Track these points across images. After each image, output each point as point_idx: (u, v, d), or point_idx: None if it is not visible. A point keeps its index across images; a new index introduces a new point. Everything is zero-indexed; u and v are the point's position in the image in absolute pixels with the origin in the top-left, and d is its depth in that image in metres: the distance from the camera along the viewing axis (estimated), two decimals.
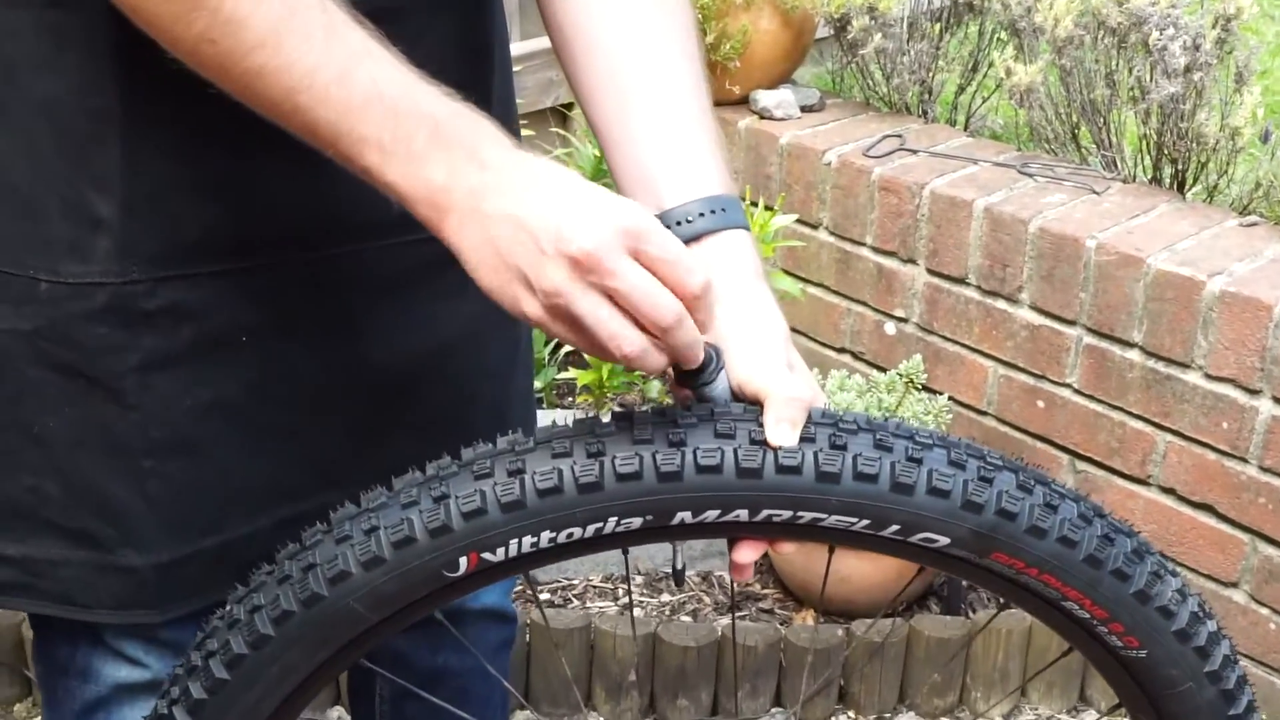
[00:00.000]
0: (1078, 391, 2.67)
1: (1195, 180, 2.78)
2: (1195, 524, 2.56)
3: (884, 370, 2.85)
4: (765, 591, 2.81)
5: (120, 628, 1.26)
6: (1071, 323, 2.64)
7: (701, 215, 1.08)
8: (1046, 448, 2.76)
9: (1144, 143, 2.81)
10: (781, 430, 0.99)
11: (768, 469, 0.99)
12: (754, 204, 2.89)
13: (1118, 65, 2.79)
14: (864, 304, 3.02)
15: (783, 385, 1.01)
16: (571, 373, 2.89)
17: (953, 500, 1.00)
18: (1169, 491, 2.58)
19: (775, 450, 0.98)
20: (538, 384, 2.79)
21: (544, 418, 2.74)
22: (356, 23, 0.98)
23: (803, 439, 0.99)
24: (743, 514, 1.01)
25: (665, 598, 2.76)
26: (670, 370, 1.02)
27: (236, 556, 1.19)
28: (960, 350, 2.86)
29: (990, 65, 3.10)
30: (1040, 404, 2.74)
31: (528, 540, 0.99)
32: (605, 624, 2.52)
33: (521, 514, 0.98)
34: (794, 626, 2.65)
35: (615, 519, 1.00)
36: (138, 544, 1.20)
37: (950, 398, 2.74)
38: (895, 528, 1.01)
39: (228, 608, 1.05)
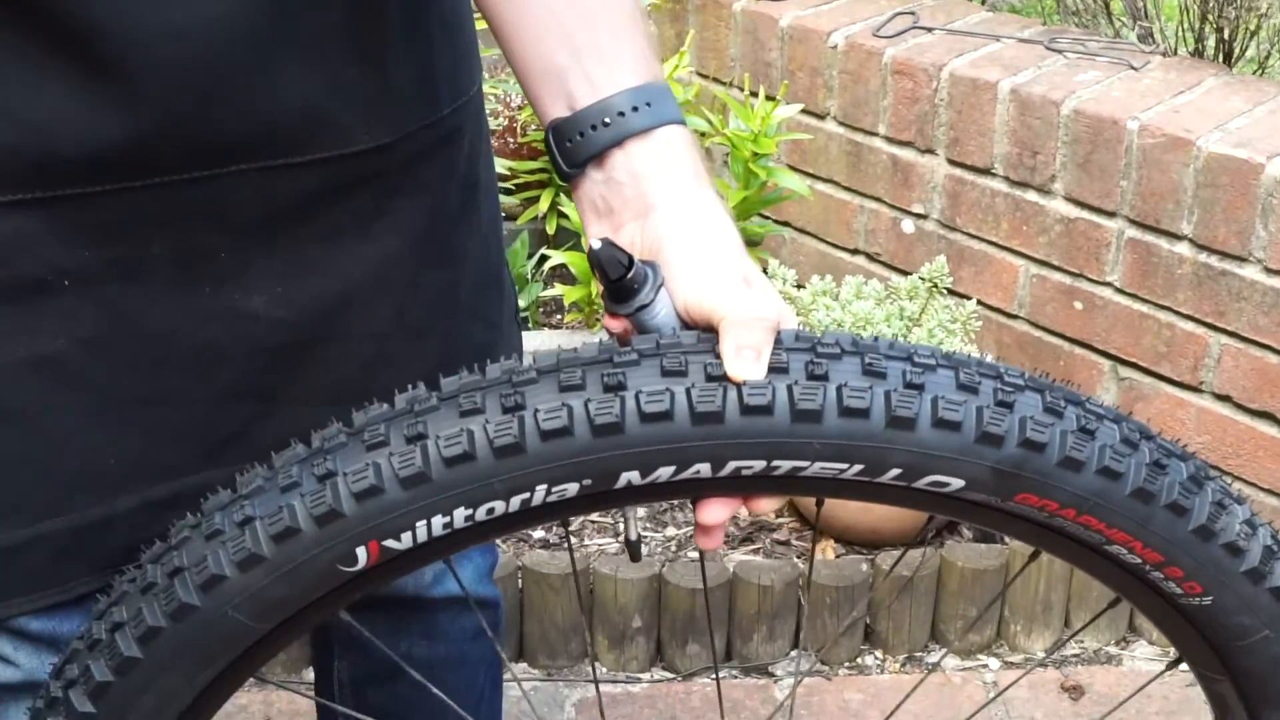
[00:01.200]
0: (1120, 291, 2.48)
1: (1243, 52, 2.54)
2: (1254, 434, 2.37)
3: (902, 272, 2.65)
4: (780, 520, 2.59)
5: None
6: (1111, 214, 2.44)
7: (622, 114, 0.94)
8: (1085, 353, 2.57)
9: (1185, 12, 2.57)
10: (744, 360, 0.83)
11: (730, 411, 0.83)
12: (754, 94, 2.67)
13: None
14: (878, 200, 2.82)
15: (740, 304, 0.87)
16: (558, 289, 2.66)
17: (965, 433, 0.85)
18: (1224, 399, 2.39)
19: (738, 386, 0.83)
20: (522, 302, 2.54)
21: (530, 340, 2.49)
22: None
23: (772, 369, 0.84)
24: (704, 469, 0.85)
25: (671, 531, 2.54)
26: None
27: (96, 542, 1.07)
28: (986, 248, 2.66)
29: None
30: (1078, 305, 2.54)
31: (438, 521, 0.84)
32: (605, 566, 2.30)
33: (427, 489, 0.83)
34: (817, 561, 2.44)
35: (545, 487, 0.85)
36: None
37: (978, 301, 2.51)
38: (896, 472, 0.86)
39: (88, 625, 0.91)
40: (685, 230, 0.92)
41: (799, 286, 2.48)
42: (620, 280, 0.88)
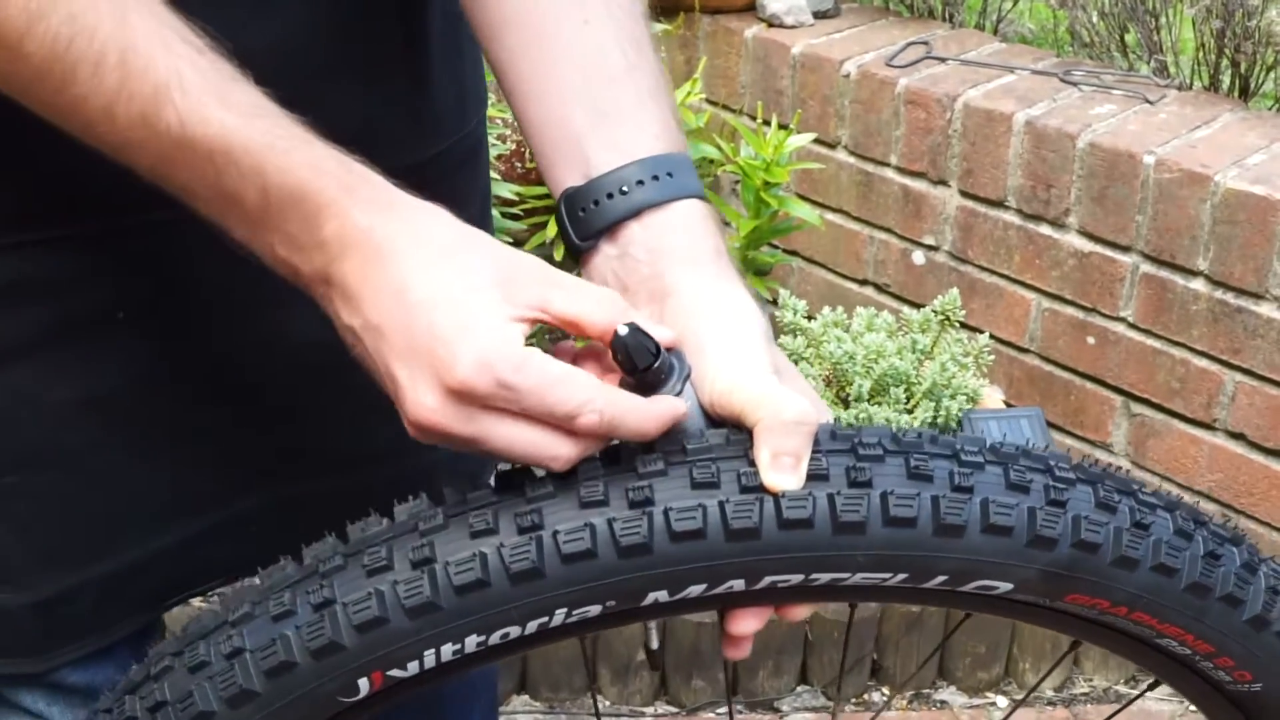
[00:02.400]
0: (1133, 326, 2.45)
1: (1259, 86, 2.52)
2: (1268, 473, 2.35)
3: (911, 303, 2.62)
4: None
5: (10, 677, 1.07)
6: (1126, 249, 2.41)
7: (640, 183, 0.87)
8: (1097, 389, 2.54)
9: (1201, 46, 2.55)
10: (781, 469, 0.76)
11: (768, 525, 0.75)
12: (765, 122, 2.64)
13: None
14: (889, 231, 2.80)
15: (776, 404, 0.78)
16: None
17: (1017, 537, 0.78)
18: (1238, 437, 2.37)
19: (775, 497, 0.76)
20: None
21: None
22: (165, 26, 0.78)
23: (811, 476, 0.76)
24: (738, 584, 0.78)
25: None
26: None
27: (138, 583, 1.03)
28: (998, 281, 2.63)
29: None
30: (1091, 340, 2.51)
31: (448, 649, 0.77)
32: None
33: (436, 618, 0.76)
34: None
35: (565, 610, 0.77)
36: (7, 579, 1.01)
37: (990, 335, 2.49)
38: (942, 579, 0.79)
39: None
40: (709, 316, 0.84)
41: (809, 318, 2.45)
42: (647, 370, 0.78)
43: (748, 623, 0.83)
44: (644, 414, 0.77)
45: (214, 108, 0.77)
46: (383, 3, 0.98)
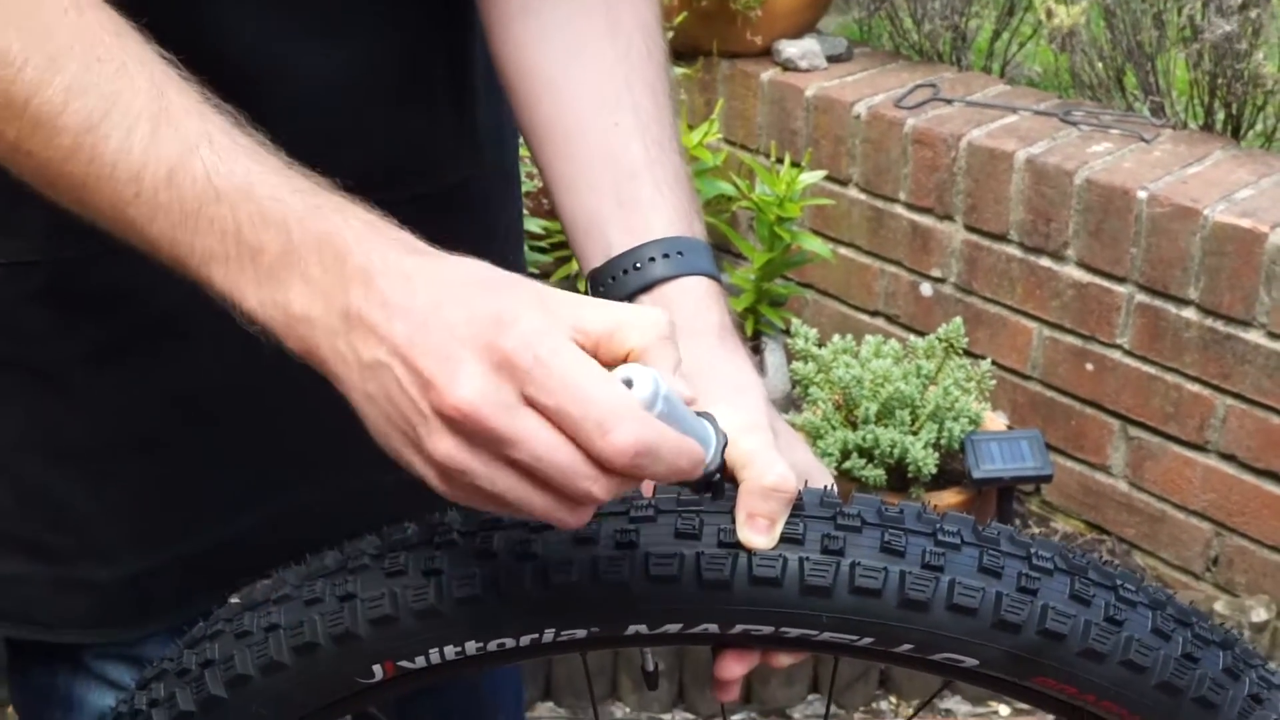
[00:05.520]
0: (1129, 353, 2.55)
1: (1251, 125, 2.63)
2: (1258, 492, 2.44)
3: (920, 333, 2.72)
4: None
5: (101, 649, 1.15)
6: (1122, 280, 2.51)
7: (653, 260, 0.93)
8: (1096, 413, 2.63)
9: (1195, 87, 2.66)
10: (756, 529, 0.80)
11: (738, 580, 0.80)
12: (779, 160, 2.76)
13: (1166, 4, 2.64)
14: (898, 264, 2.90)
15: (763, 467, 0.82)
16: None
17: (981, 619, 0.81)
18: (1229, 458, 2.46)
19: (749, 554, 0.80)
20: None
21: None
22: (206, 104, 0.80)
23: (786, 539, 0.80)
24: (712, 627, 0.83)
25: None
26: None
27: (221, 562, 1.10)
28: (1002, 311, 2.73)
29: (1028, 8, 2.94)
30: (1089, 367, 2.61)
31: (450, 650, 0.84)
32: None
33: (439, 622, 0.83)
34: None
35: (554, 630, 0.83)
36: (100, 555, 1.10)
37: (993, 362, 2.60)
38: (908, 646, 0.83)
39: (129, 695, 0.93)
40: (709, 380, 0.88)
41: (820, 345, 2.56)
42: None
43: (733, 668, 0.87)
44: (679, 446, 0.72)
45: (242, 159, 0.78)
46: (434, 37, 1.07)
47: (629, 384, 0.72)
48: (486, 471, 0.72)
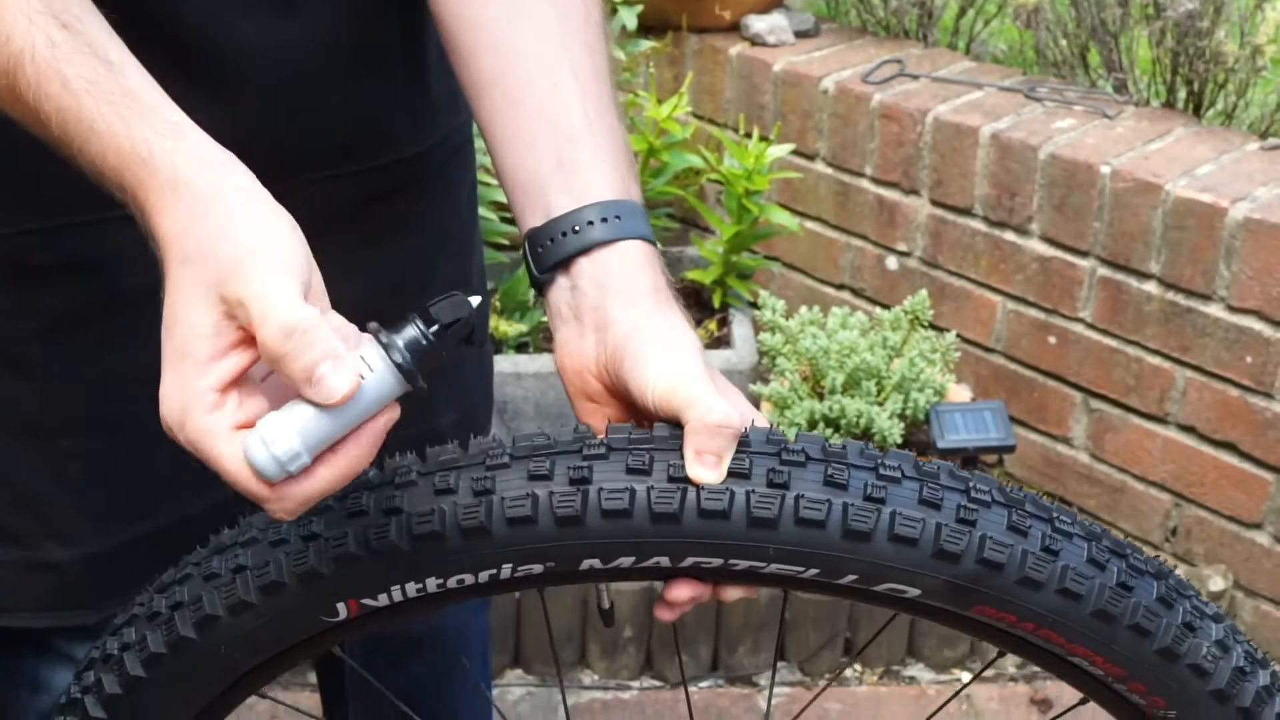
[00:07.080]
0: (1091, 326, 2.58)
1: (1212, 103, 2.66)
2: (1217, 463, 2.47)
3: (886, 307, 2.74)
4: None
5: (69, 631, 1.17)
6: (1085, 254, 2.54)
7: (591, 223, 0.95)
8: (1059, 386, 2.67)
9: (1157, 64, 2.69)
10: (704, 465, 0.84)
11: (687, 513, 0.84)
12: (748, 135, 2.78)
13: None
14: (864, 238, 2.92)
15: (707, 407, 0.85)
16: None
17: (921, 549, 0.84)
18: (1189, 430, 2.49)
19: (697, 489, 0.84)
20: (523, 328, 2.66)
21: (531, 363, 2.61)
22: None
23: (734, 474, 0.84)
24: (663, 560, 0.86)
25: None
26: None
27: (176, 543, 1.10)
28: (966, 285, 2.76)
29: None
30: (1052, 340, 2.64)
31: (412, 587, 0.87)
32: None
33: (399, 559, 0.86)
34: None
35: (510, 565, 0.86)
36: (62, 536, 1.11)
37: (957, 334, 2.63)
38: (852, 577, 0.86)
39: (103, 640, 0.96)
40: (647, 337, 0.92)
41: (787, 317, 2.59)
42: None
43: (681, 591, 0.90)
44: (331, 480, 0.79)
45: (55, 83, 0.81)
46: (389, 9, 1.08)
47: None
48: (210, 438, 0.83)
